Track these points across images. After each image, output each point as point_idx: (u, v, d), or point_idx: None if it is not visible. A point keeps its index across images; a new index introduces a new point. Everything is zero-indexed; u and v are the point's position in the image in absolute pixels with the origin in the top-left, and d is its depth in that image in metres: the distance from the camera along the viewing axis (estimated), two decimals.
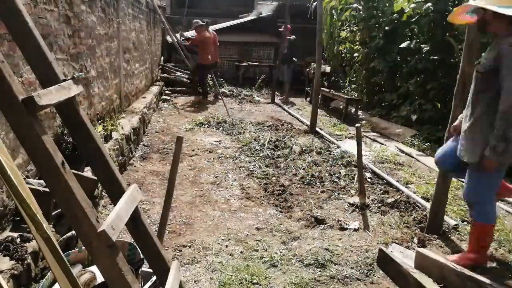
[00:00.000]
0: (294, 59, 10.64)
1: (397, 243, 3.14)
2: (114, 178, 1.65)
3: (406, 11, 7.19)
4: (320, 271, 2.76)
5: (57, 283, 1.77)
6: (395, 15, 7.68)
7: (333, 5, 9.76)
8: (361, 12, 8.82)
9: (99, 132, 4.21)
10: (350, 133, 7.09)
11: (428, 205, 3.62)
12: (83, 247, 1.99)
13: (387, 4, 8.16)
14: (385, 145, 6.34)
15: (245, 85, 12.54)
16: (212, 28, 13.51)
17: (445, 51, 6.64)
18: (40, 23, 3.01)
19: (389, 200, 3.99)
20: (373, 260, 2.91)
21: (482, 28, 2.62)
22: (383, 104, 8.63)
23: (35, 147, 1.32)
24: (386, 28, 7.97)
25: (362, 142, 6.24)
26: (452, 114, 3.20)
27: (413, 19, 7.31)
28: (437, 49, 6.74)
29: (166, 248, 2.94)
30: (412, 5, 7.12)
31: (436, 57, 6.65)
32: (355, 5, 8.95)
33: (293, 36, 10.48)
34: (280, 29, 10.49)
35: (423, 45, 7.06)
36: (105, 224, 1.32)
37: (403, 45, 7.51)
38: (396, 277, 2.69)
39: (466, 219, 3.62)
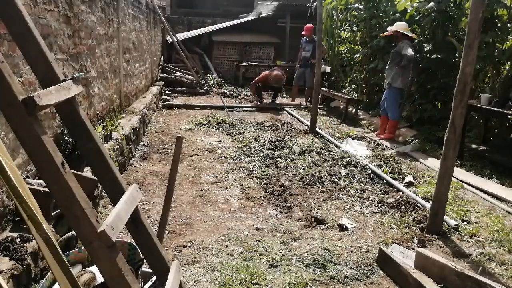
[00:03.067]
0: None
1: (397, 243, 3.13)
2: (114, 178, 1.65)
3: (409, 10, 7.19)
4: (320, 271, 2.76)
5: (57, 283, 1.77)
6: (397, 14, 7.68)
7: (333, 5, 9.75)
8: (362, 12, 8.81)
9: (99, 132, 4.20)
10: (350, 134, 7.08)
11: (428, 205, 3.62)
12: (83, 247, 1.99)
13: (388, 4, 8.15)
14: (386, 145, 6.33)
15: (245, 85, 12.55)
16: (212, 28, 13.55)
17: (447, 51, 6.64)
18: (40, 23, 3.01)
19: (389, 200, 3.99)
20: (373, 260, 2.91)
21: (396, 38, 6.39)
22: None
23: (35, 147, 1.32)
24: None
25: (363, 142, 6.27)
26: (453, 113, 3.20)
27: (415, 19, 7.31)
28: (438, 48, 6.74)
29: (166, 248, 2.93)
30: (415, 4, 7.12)
31: (438, 56, 6.65)
32: (356, 5, 8.94)
33: (315, 36, 9.53)
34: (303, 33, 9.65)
35: (424, 44, 7.06)
36: (105, 224, 1.32)
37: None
38: (396, 277, 2.69)
39: (466, 219, 3.62)
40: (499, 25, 5.92)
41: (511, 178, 4.75)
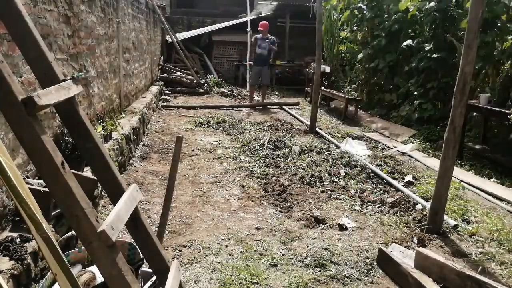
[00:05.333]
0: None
1: (397, 243, 3.14)
2: (113, 178, 1.65)
3: (411, 9, 7.20)
4: (320, 271, 2.76)
5: (57, 283, 1.77)
6: (399, 14, 7.69)
7: (333, 5, 9.76)
8: (364, 12, 8.81)
9: (99, 132, 4.20)
10: (350, 133, 7.08)
11: (428, 204, 3.62)
12: (83, 247, 1.99)
13: (391, 4, 8.15)
14: (385, 144, 6.34)
15: (245, 85, 12.53)
16: (212, 28, 13.54)
17: (447, 51, 6.64)
18: (39, 23, 3.00)
19: (389, 200, 3.99)
20: (373, 260, 2.91)
21: None
22: (383, 104, 8.64)
23: (34, 147, 1.32)
24: (391, 28, 7.96)
25: (363, 142, 6.27)
26: (452, 113, 3.20)
27: (416, 18, 7.33)
28: (438, 48, 6.74)
29: (166, 248, 2.94)
30: (416, 4, 7.13)
31: (438, 56, 6.65)
32: (359, 4, 8.94)
33: (272, 37, 9.38)
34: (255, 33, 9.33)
35: (425, 44, 7.06)
36: (105, 224, 1.32)
37: (405, 43, 7.52)
38: (396, 276, 2.69)
39: (466, 218, 3.62)
40: (499, 24, 5.92)
41: (511, 178, 4.76)
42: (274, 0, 13.84)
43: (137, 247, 2.16)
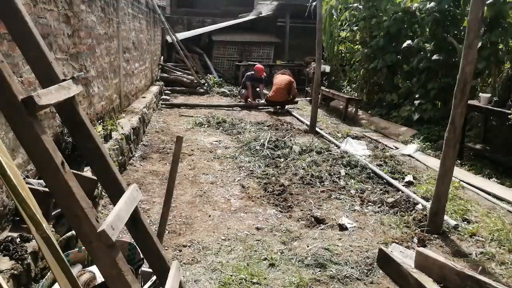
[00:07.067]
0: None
1: (397, 243, 3.13)
2: (114, 178, 1.64)
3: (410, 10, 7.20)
4: (320, 271, 2.76)
5: (57, 283, 1.77)
6: (398, 14, 7.67)
7: (333, 5, 9.75)
8: (361, 12, 8.81)
9: (99, 132, 4.20)
10: (350, 133, 7.08)
11: (428, 204, 3.62)
12: (83, 247, 1.99)
13: (388, 4, 8.14)
14: (386, 144, 6.33)
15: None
16: (212, 28, 13.55)
17: (447, 51, 6.64)
18: (39, 23, 3.00)
19: (389, 200, 3.99)
20: (373, 260, 2.91)
21: None
22: (383, 104, 8.64)
23: (35, 147, 1.32)
24: (389, 28, 7.95)
25: (363, 141, 6.27)
26: (453, 113, 3.20)
27: (416, 19, 7.32)
28: (439, 48, 6.74)
29: (166, 248, 2.93)
30: (416, 5, 7.12)
31: (438, 57, 6.65)
32: (355, 4, 8.94)
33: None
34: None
35: (426, 44, 7.06)
36: (105, 224, 1.32)
37: (405, 44, 7.51)
38: (396, 277, 2.69)
39: (466, 218, 3.62)
40: (505, 25, 5.89)
41: (511, 178, 4.75)
42: (274, 0, 13.84)
43: (137, 247, 2.16)
